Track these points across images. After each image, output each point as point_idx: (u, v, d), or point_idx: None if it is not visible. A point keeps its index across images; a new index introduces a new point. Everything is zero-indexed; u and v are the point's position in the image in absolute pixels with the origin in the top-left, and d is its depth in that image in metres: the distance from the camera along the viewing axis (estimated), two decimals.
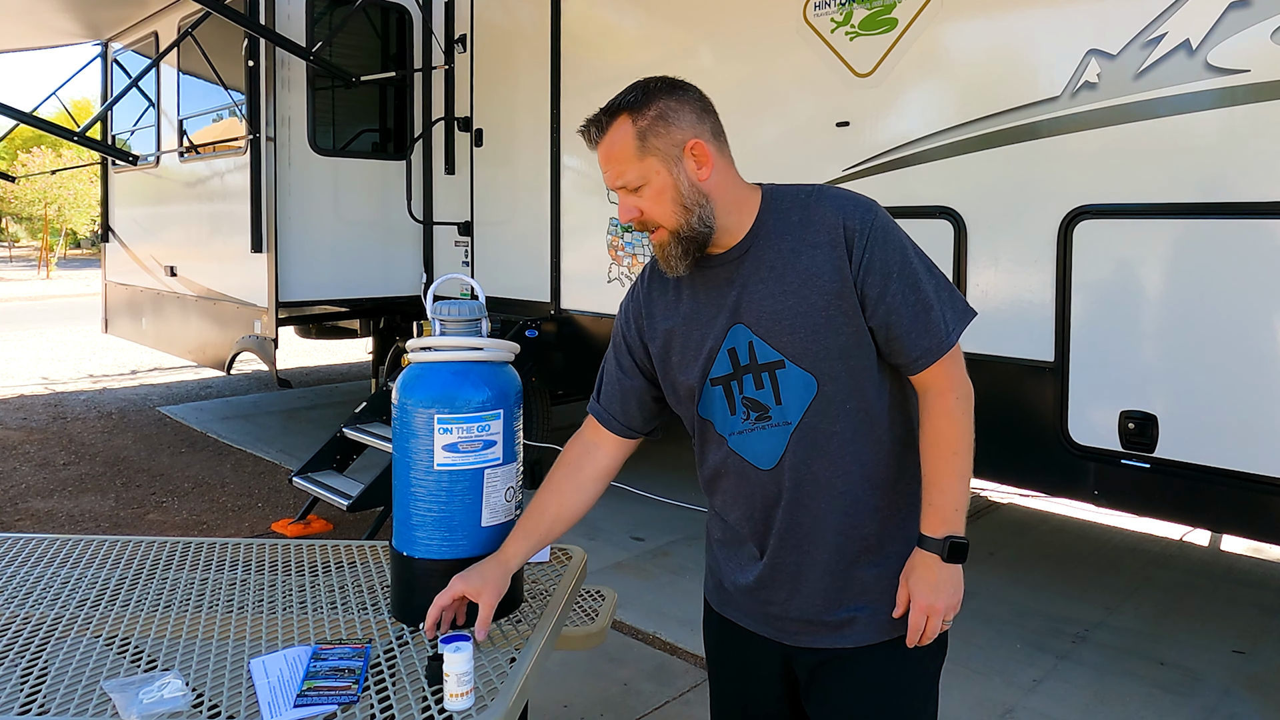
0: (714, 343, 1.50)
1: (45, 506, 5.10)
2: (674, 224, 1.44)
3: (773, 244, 1.46)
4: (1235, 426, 2.72)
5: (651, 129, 1.43)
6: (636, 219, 1.47)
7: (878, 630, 1.50)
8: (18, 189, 28.97)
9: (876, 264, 1.41)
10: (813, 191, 1.49)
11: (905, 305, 1.41)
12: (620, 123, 1.45)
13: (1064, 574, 4.18)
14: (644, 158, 1.43)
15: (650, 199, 1.44)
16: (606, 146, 1.46)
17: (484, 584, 1.62)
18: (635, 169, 1.44)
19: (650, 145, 1.43)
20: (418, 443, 1.75)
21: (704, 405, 1.54)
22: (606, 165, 1.47)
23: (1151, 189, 2.89)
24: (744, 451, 1.51)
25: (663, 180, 1.43)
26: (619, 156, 1.45)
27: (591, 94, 4.81)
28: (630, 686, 3.14)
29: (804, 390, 1.45)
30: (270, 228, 5.52)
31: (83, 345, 11.90)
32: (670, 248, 1.46)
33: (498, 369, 1.83)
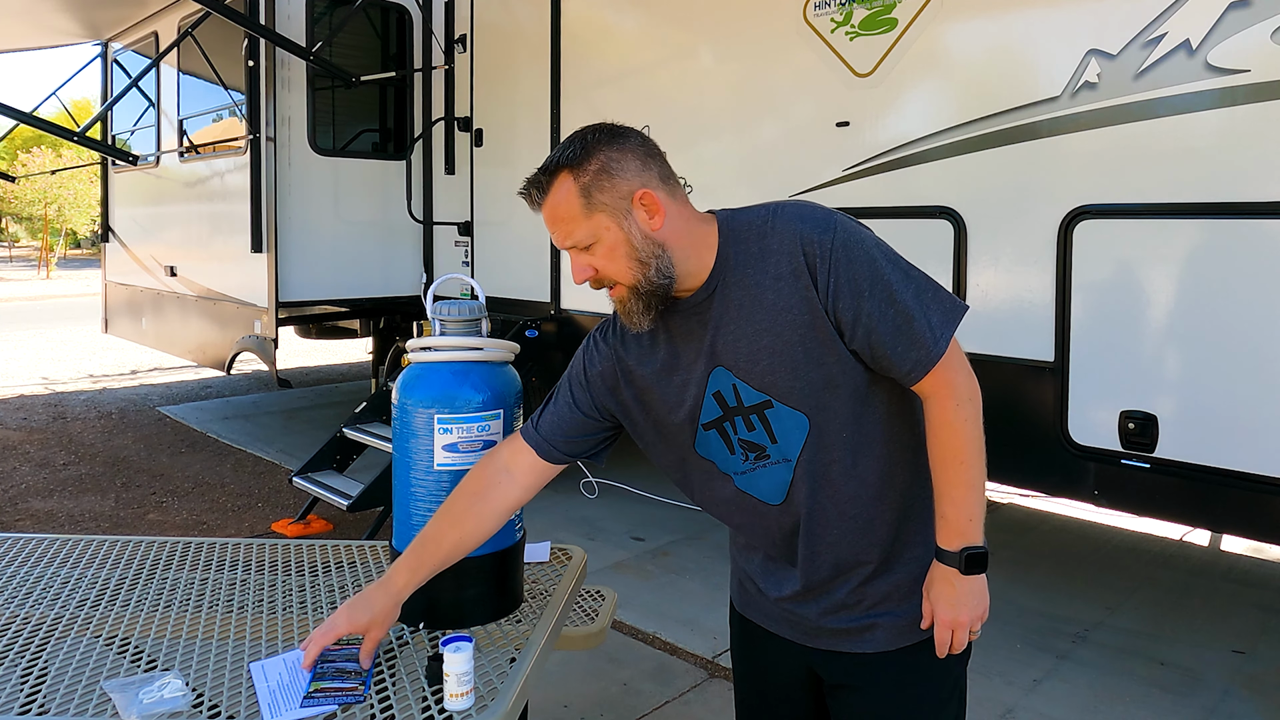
0: (697, 389, 1.45)
1: (45, 506, 5.10)
2: (631, 279, 1.38)
3: (736, 280, 1.40)
4: (1235, 426, 2.72)
5: (595, 184, 1.36)
6: (592, 278, 1.41)
7: (899, 635, 1.50)
8: (18, 189, 28.98)
9: (845, 286, 1.33)
10: (767, 216, 1.40)
11: (884, 322, 1.34)
12: (561, 181, 1.38)
13: (1064, 574, 4.18)
14: (591, 214, 1.37)
15: (603, 256, 1.38)
16: (550, 207, 1.39)
17: (371, 619, 1.55)
18: (583, 227, 1.37)
19: (596, 201, 1.36)
20: (418, 443, 1.75)
21: (702, 447, 1.51)
22: (553, 226, 1.40)
23: (1151, 189, 2.88)
24: (752, 490, 1.49)
25: (614, 236, 1.37)
26: (564, 216, 1.38)
27: (591, 94, 4.81)
28: (630, 686, 3.14)
29: (796, 428, 1.42)
30: (270, 228, 5.52)
31: (83, 345, 11.90)
32: (631, 304, 1.40)
33: (498, 369, 1.83)
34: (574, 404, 1.57)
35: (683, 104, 4.31)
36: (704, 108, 4.22)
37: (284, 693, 1.48)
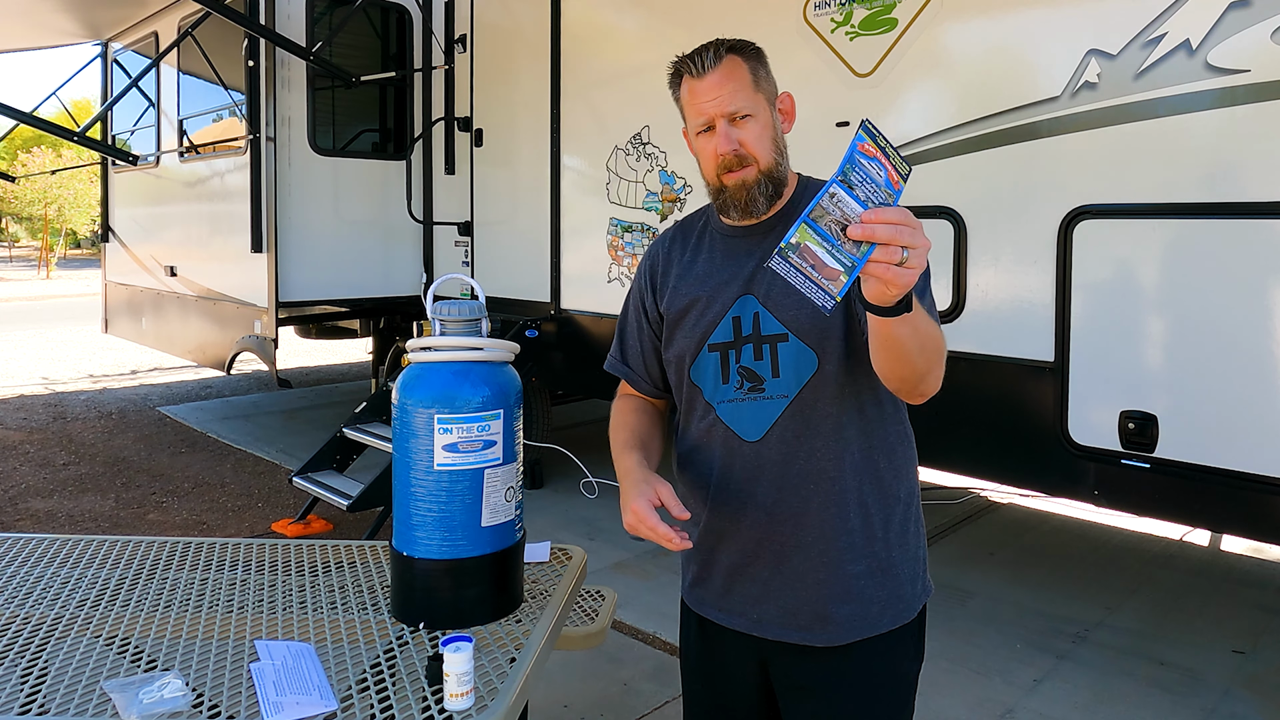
0: (720, 308, 1.51)
1: (45, 506, 5.10)
2: (768, 162, 1.48)
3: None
4: (1235, 426, 2.72)
5: (760, 70, 1.49)
6: (735, 150, 1.46)
7: (857, 629, 1.49)
8: (18, 189, 28.98)
9: None
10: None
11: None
12: (734, 59, 1.47)
13: (1064, 574, 4.18)
14: (757, 91, 1.47)
15: (754, 132, 1.46)
16: (723, 72, 1.46)
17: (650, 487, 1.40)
18: (749, 98, 1.46)
19: (761, 85, 1.48)
20: (418, 443, 1.75)
21: (696, 370, 1.55)
22: (718, 89, 1.45)
23: (1151, 189, 2.89)
24: (731, 421, 1.50)
25: (767, 117, 1.48)
26: (737, 82, 1.46)
27: (591, 94, 4.81)
28: (630, 686, 3.14)
29: (804, 365, 1.45)
30: (270, 228, 5.52)
31: (83, 345, 11.90)
32: (758, 187, 1.47)
33: (498, 369, 1.83)
34: (638, 325, 1.67)
35: None
36: None
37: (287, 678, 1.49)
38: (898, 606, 1.52)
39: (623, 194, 4.63)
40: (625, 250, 4.63)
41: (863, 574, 1.49)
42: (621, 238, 4.65)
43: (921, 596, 1.56)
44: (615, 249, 4.69)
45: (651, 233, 4.47)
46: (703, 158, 1.51)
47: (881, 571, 1.50)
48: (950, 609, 3.73)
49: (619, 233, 4.66)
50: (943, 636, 3.41)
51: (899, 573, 1.52)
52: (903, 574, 1.52)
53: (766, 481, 1.48)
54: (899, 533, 1.52)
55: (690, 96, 1.49)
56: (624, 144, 4.58)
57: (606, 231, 4.73)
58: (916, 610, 1.55)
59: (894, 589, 1.51)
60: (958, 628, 3.56)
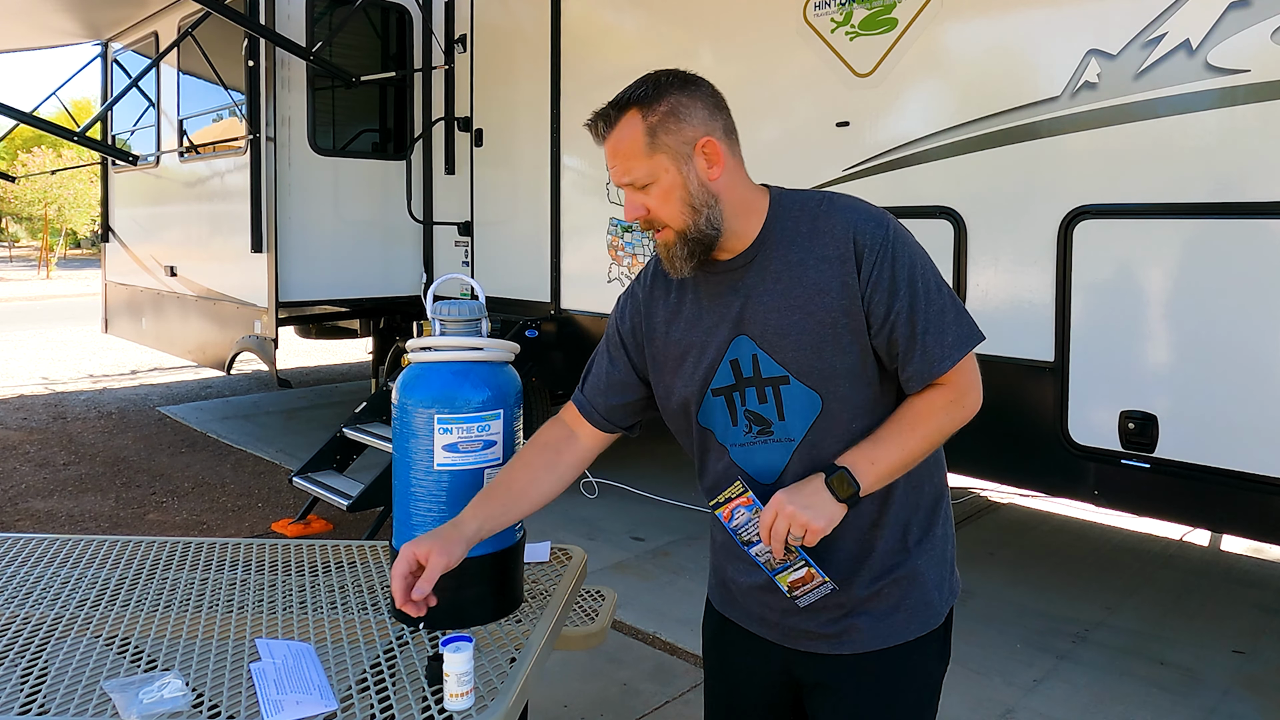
0: (716, 353, 1.46)
1: (45, 506, 5.10)
2: (681, 224, 1.40)
3: (779, 253, 1.41)
4: (1235, 426, 2.72)
5: (662, 125, 1.38)
6: (642, 217, 1.42)
7: (877, 638, 1.48)
8: (18, 189, 28.99)
9: (884, 282, 1.36)
10: (823, 200, 1.43)
11: (904, 327, 1.36)
12: (629, 117, 1.39)
13: (1064, 574, 4.18)
14: (653, 154, 1.38)
15: (658, 198, 1.40)
16: (614, 141, 1.40)
17: (430, 546, 1.51)
18: (644, 166, 1.39)
19: (660, 142, 1.38)
20: (418, 443, 1.75)
21: (704, 414, 1.51)
22: (613, 160, 1.41)
23: (1151, 189, 2.88)
24: (745, 464, 1.48)
25: (672, 179, 1.39)
26: (627, 152, 1.39)
27: (591, 94, 4.80)
28: (630, 686, 3.14)
29: (808, 408, 1.41)
30: (270, 228, 5.52)
31: (83, 345, 11.90)
32: (675, 249, 1.42)
33: (498, 369, 1.83)
34: (611, 361, 1.61)
35: None
36: None
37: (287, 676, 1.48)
38: (924, 613, 1.50)
39: (623, 194, 4.62)
40: (625, 250, 4.63)
41: (887, 586, 1.47)
42: (621, 238, 4.65)
43: (949, 599, 1.54)
44: (615, 249, 4.69)
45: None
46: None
47: (907, 580, 1.48)
48: None
49: (619, 233, 4.66)
50: None
51: (925, 580, 1.49)
52: (929, 579, 1.50)
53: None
54: (924, 540, 1.50)
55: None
56: None
57: (606, 231, 4.73)
58: (943, 615, 1.53)
59: (920, 596, 1.49)
60: (958, 627, 3.54)
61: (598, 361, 1.64)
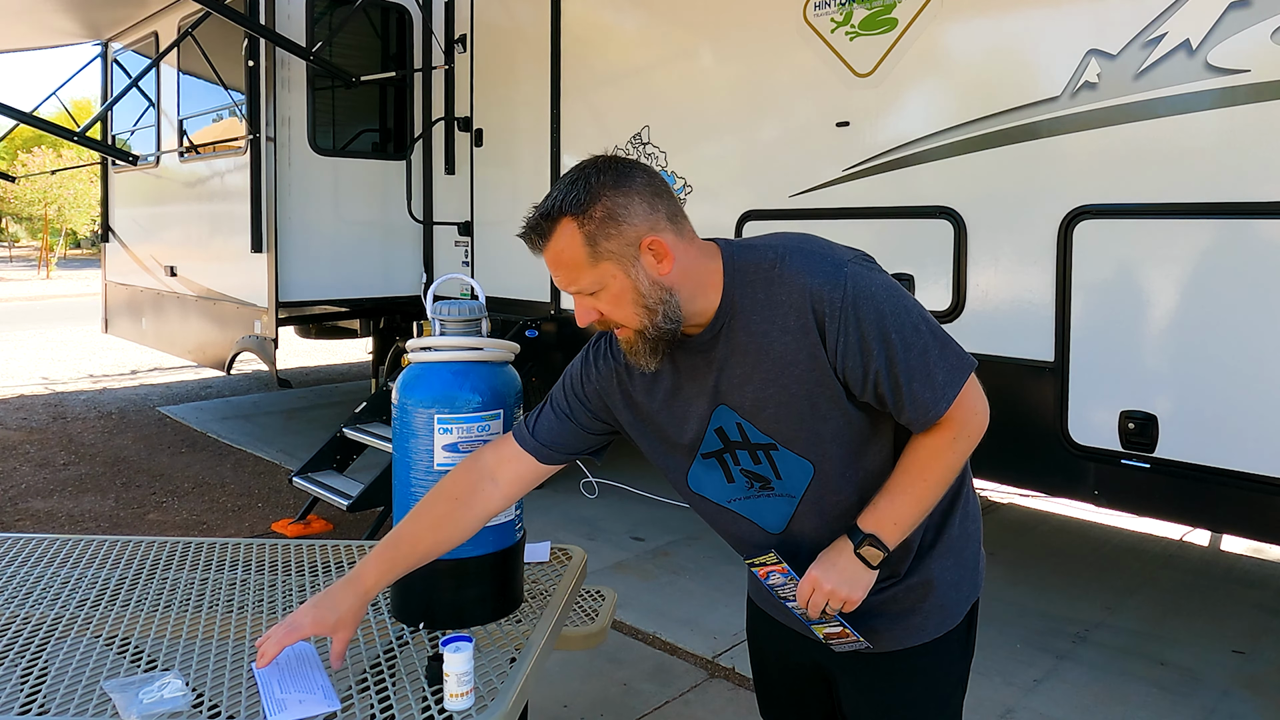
0: (699, 423, 1.43)
1: (45, 506, 5.09)
2: (638, 324, 1.34)
3: (742, 325, 1.36)
4: (1235, 426, 2.72)
5: (601, 231, 1.29)
6: (597, 320, 1.37)
7: (895, 640, 1.50)
8: (18, 189, 28.98)
9: (854, 346, 1.30)
10: (775, 260, 1.35)
11: (889, 379, 1.32)
12: (564, 227, 1.30)
13: (1064, 574, 4.17)
14: (597, 263, 1.31)
15: (609, 303, 1.33)
16: (553, 254, 1.33)
17: (339, 620, 1.51)
18: (588, 275, 1.32)
19: (602, 249, 1.30)
20: (418, 443, 1.75)
21: (695, 481, 1.50)
22: (555, 271, 1.35)
23: (1151, 189, 2.88)
24: (752, 515, 1.48)
25: (620, 284, 1.31)
26: (568, 263, 1.32)
27: (591, 94, 4.81)
28: (630, 686, 3.14)
29: (800, 472, 1.41)
30: (270, 228, 5.52)
31: (83, 345, 11.90)
32: (638, 346, 1.36)
33: (498, 369, 1.84)
34: (569, 416, 1.55)
35: (683, 104, 4.31)
36: (704, 108, 4.22)
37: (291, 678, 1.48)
38: (941, 615, 1.51)
39: None
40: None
41: (901, 593, 1.48)
42: None
43: (968, 598, 1.54)
44: None
45: None
46: None
47: (923, 585, 1.49)
48: None
49: None
50: None
51: (939, 583, 1.50)
52: (944, 582, 1.50)
53: (802, 558, 1.45)
54: (937, 544, 1.49)
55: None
56: (624, 144, 4.57)
57: None
58: (963, 615, 1.54)
59: (935, 600, 1.50)
60: None
61: (553, 411, 1.56)
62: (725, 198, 4.11)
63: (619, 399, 1.51)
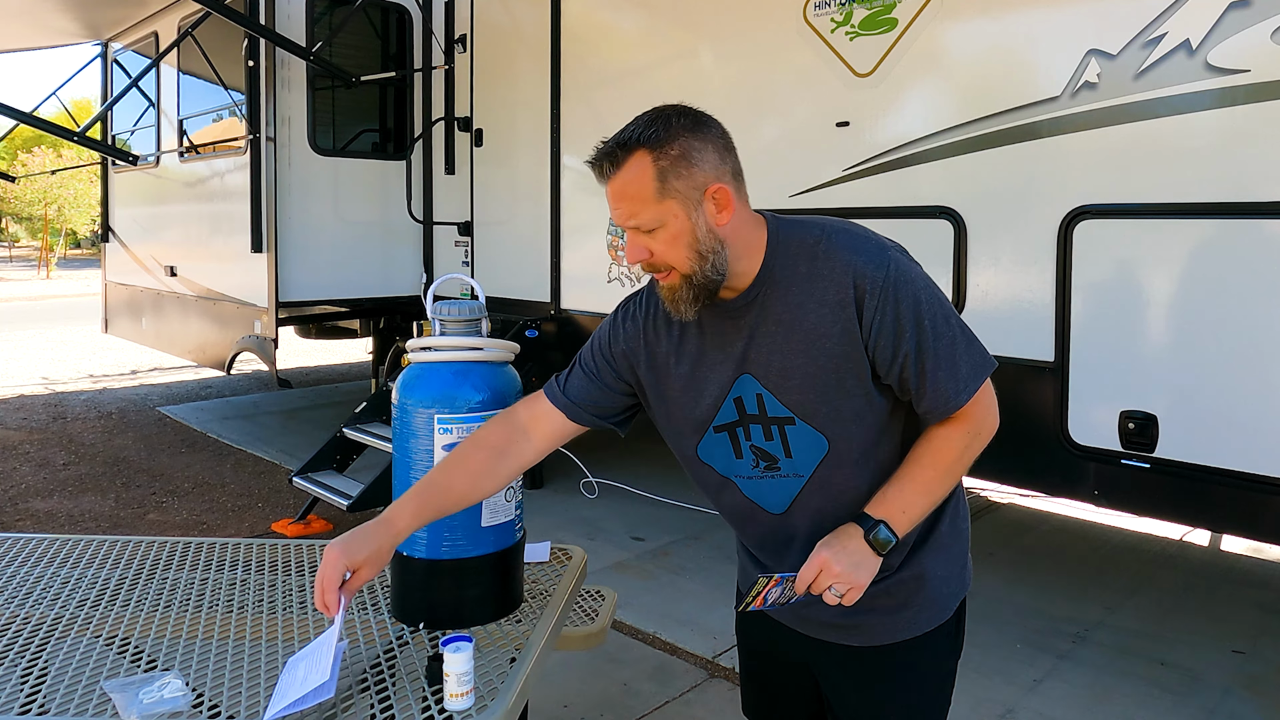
0: (719, 390, 1.44)
1: (45, 506, 5.09)
2: (687, 269, 1.35)
3: (779, 295, 1.38)
4: (1235, 426, 2.72)
5: (673, 169, 1.32)
6: (646, 260, 1.38)
7: (886, 633, 1.51)
8: (18, 189, 28.98)
9: (888, 327, 1.34)
10: (821, 237, 1.38)
11: (915, 366, 1.35)
12: (638, 159, 1.32)
13: (1064, 574, 4.17)
14: (663, 200, 1.32)
15: (664, 242, 1.35)
16: (621, 184, 1.34)
17: (367, 557, 1.44)
18: (652, 211, 1.33)
19: (670, 186, 1.32)
20: (418, 443, 1.75)
21: (704, 449, 1.50)
22: (618, 203, 1.36)
23: (1151, 189, 2.88)
24: (754, 496, 1.49)
25: (680, 224, 1.33)
26: (634, 195, 1.34)
27: (591, 94, 4.81)
28: (630, 686, 3.14)
29: (814, 448, 1.42)
30: (270, 228, 5.52)
31: (83, 345, 11.90)
32: (680, 293, 1.37)
33: (498, 369, 1.84)
34: (596, 375, 1.56)
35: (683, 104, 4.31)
36: (704, 108, 4.20)
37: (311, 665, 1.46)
38: (932, 609, 1.52)
39: None
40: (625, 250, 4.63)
41: (894, 585, 1.49)
42: (621, 238, 4.65)
43: (958, 594, 1.56)
44: (615, 249, 4.69)
45: None
46: None
47: (915, 580, 1.50)
48: None
49: (619, 233, 4.66)
50: None
51: (934, 576, 1.51)
52: (935, 576, 1.51)
53: (799, 545, 1.46)
54: (930, 539, 1.51)
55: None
56: None
57: (606, 231, 4.73)
58: (952, 609, 1.55)
59: (929, 593, 1.51)
60: None
61: (582, 369, 1.58)
62: None
63: (644, 360, 1.52)
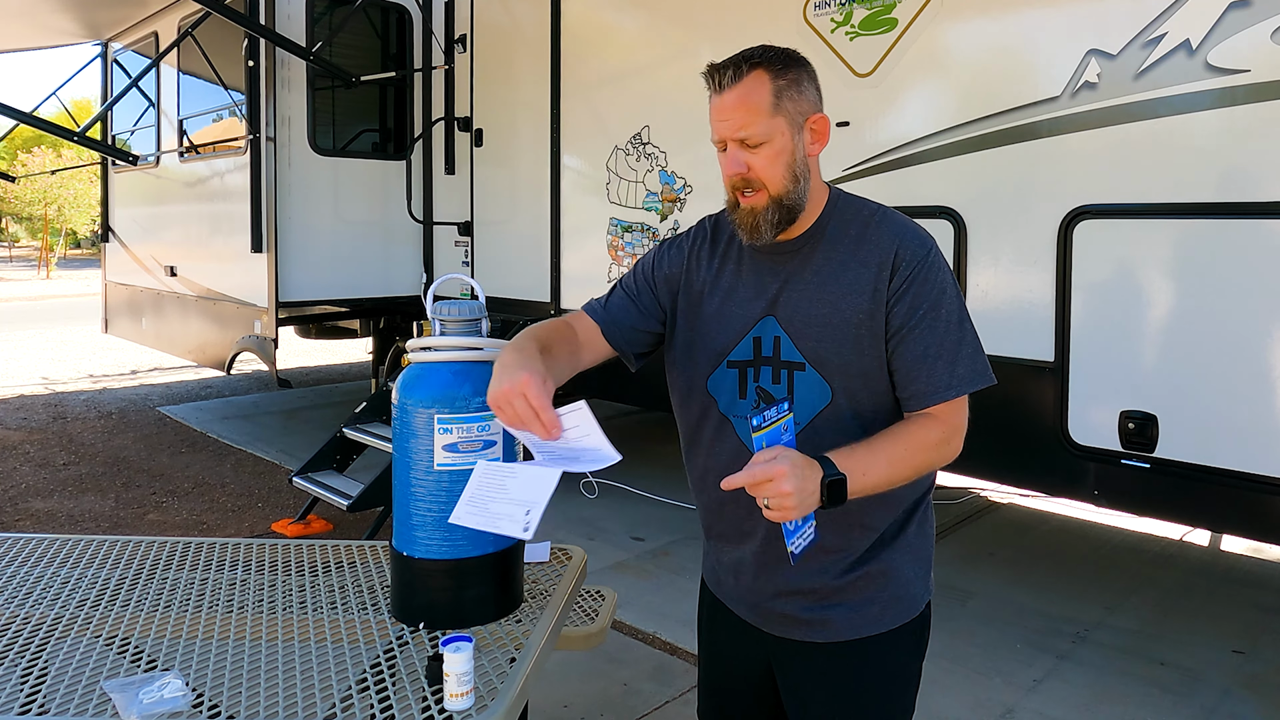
0: (742, 326, 1.49)
1: (45, 506, 5.09)
2: (779, 189, 1.42)
3: (825, 250, 1.46)
4: (1235, 426, 2.72)
5: (787, 91, 1.41)
6: (742, 175, 1.42)
7: (852, 628, 1.52)
8: (18, 189, 28.97)
9: (909, 298, 1.40)
10: (876, 210, 1.49)
11: (915, 346, 1.40)
12: (758, 75, 1.41)
13: (1064, 574, 4.17)
14: (774, 116, 1.41)
15: (765, 158, 1.41)
16: (739, 94, 1.41)
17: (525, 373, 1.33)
18: (763, 124, 1.40)
19: (783, 106, 1.41)
20: (418, 443, 1.75)
21: (713, 383, 1.54)
22: (732, 113, 1.41)
23: (1151, 189, 2.89)
24: (745, 437, 1.51)
25: (783, 142, 1.41)
26: (751, 107, 1.40)
27: (592, 94, 4.81)
28: (630, 686, 3.14)
29: (817, 397, 1.45)
30: (270, 228, 5.52)
31: (83, 345, 11.90)
32: (765, 213, 1.42)
33: None
34: (636, 296, 1.60)
35: (683, 104, 4.31)
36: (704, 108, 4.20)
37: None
38: (898, 607, 1.53)
39: (623, 194, 4.63)
40: (625, 250, 4.63)
41: (862, 579, 1.51)
42: (621, 238, 4.65)
43: (923, 597, 1.57)
44: (615, 249, 4.69)
45: (652, 233, 4.47)
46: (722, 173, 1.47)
47: (882, 575, 1.51)
48: (950, 609, 3.73)
49: (619, 233, 4.66)
50: (943, 636, 3.41)
51: (901, 574, 1.53)
52: (905, 574, 1.54)
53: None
54: (900, 537, 1.53)
55: (711, 110, 1.45)
56: (624, 144, 4.58)
57: (606, 232, 4.73)
58: (919, 609, 1.56)
59: (895, 590, 1.53)
60: (958, 628, 3.56)
61: (624, 290, 1.63)
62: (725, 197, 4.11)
63: (682, 286, 1.57)
